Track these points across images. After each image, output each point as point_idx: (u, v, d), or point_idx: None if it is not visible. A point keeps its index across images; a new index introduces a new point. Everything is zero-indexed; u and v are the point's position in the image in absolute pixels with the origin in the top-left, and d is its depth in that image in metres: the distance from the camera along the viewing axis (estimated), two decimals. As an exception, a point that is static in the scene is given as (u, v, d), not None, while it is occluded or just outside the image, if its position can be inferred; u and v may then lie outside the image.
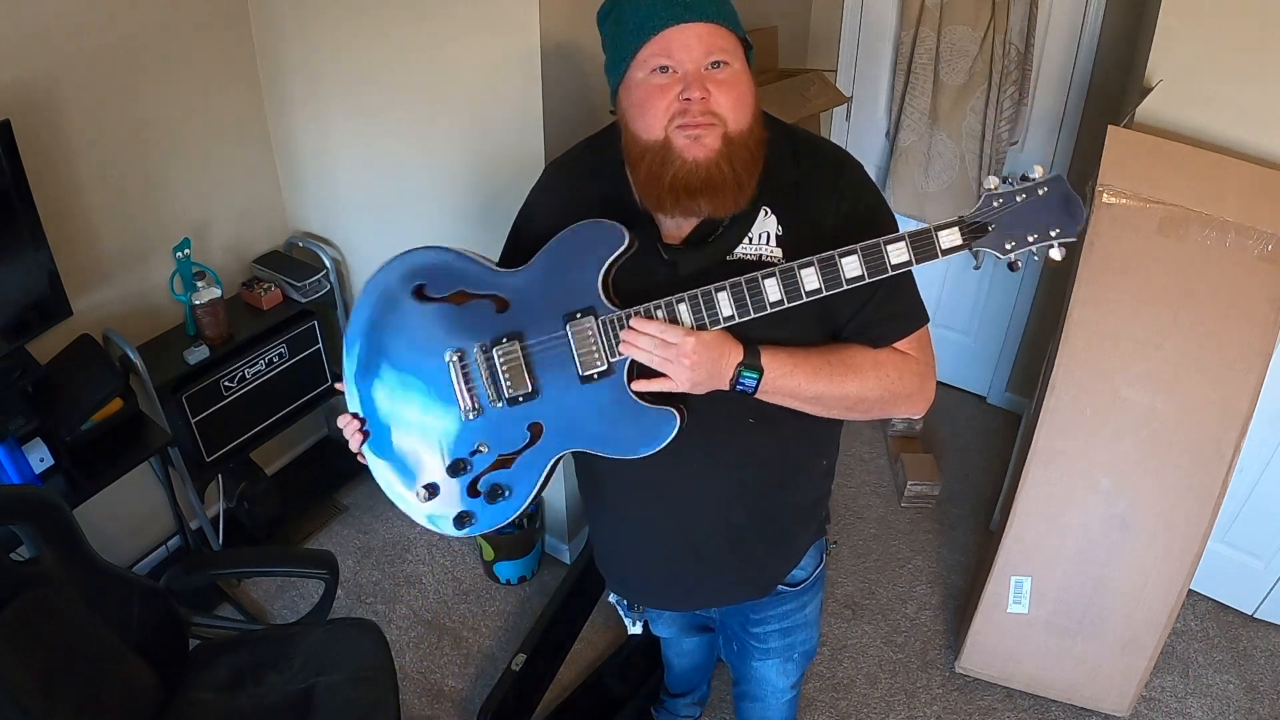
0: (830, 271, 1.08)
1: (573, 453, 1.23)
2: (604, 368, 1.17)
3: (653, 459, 1.18)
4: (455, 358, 1.22)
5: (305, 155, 2.39)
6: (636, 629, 1.71)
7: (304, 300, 2.42)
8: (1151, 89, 1.93)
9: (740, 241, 1.19)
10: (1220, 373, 1.86)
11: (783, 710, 1.79)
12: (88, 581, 1.58)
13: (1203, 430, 1.90)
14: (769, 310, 1.11)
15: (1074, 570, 2.09)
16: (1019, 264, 1.08)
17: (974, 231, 1.06)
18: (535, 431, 1.23)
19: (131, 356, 2.11)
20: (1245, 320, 1.82)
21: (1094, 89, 2.63)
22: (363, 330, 1.27)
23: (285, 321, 2.42)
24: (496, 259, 1.38)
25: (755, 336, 1.15)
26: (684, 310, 1.12)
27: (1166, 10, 1.88)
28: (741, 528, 1.38)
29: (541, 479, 1.24)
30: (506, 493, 1.25)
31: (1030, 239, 1.06)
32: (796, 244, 1.18)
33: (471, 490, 1.26)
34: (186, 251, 2.20)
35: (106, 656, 1.57)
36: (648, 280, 1.18)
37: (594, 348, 1.16)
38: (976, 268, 1.08)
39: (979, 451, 3.13)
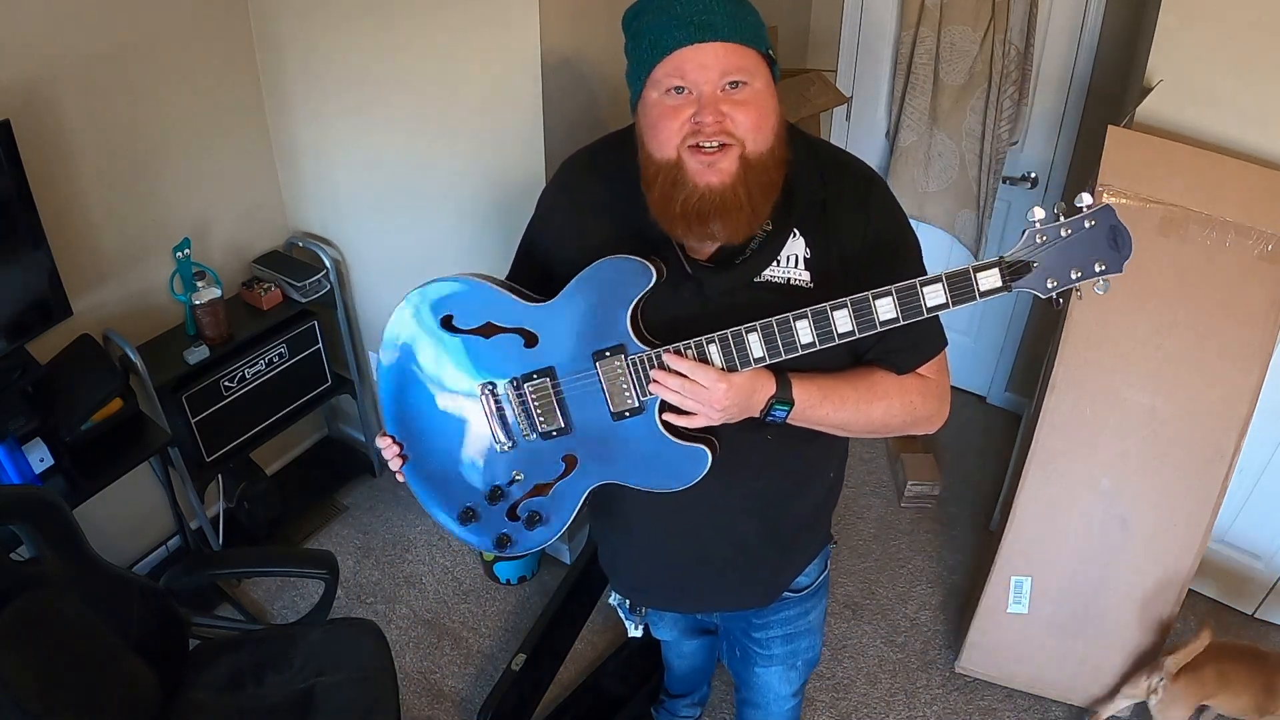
0: (864, 314, 1.05)
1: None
2: (635, 405, 1.15)
3: None
4: (486, 391, 1.21)
5: (305, 155, 2.39)
6: (637, 632, 1.69)
7: (304, 300, 2.42)
8: (1151, 89, 1.93)
9: (769, 264, 1.16)
10: (1220, 373, 1.86)
11: (785, 718, 1.77)
12: (88, 581, 1.58)
13: (1203, 430, 1.90)
14: (800, 352, 1.09)
15: (1074, 570, 2.09)
16: (1060, 301, 1.03)
17: (1015, 272, 1.01)
18: (569, 463, 1.23)
19: (131, 356, 2.11)
20: (1245, 320, 1.82)
21: (1094, 89, 2.63)
22: (394, 356, 1.25)
23: (285, 321, 2.42)
24: (501, 259, 1.39)
25: (785, 364, 1.13)
26: (714, 351, 1.10)
27: (1166, 10, 1.88)
28: (750, 537, 1.37)
29: (577, 508, 1.25)
30: (544, 519, 1.26)
31: (1074, 275, 1.01)
32: (824, 266, 1.16)
33: (511, 515, 1.28)
34: (186, 251, 2.21)
35: (106, 656, 1.57)
36: (673, 300, 1.15)
37: (625, 386, 1.15)
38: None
39: (979, 451, 3.12)
